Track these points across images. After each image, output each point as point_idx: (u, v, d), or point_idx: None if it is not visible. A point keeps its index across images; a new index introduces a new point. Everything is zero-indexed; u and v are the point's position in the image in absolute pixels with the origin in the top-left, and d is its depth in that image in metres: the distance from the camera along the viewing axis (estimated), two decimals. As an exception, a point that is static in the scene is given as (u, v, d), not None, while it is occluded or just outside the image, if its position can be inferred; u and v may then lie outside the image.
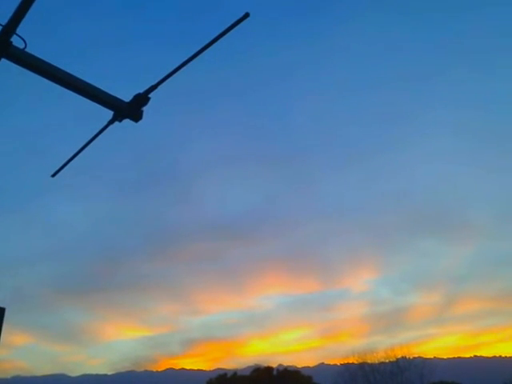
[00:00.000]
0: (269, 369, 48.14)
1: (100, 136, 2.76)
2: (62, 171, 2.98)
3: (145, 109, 2.64)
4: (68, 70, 2.48)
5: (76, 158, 2.88)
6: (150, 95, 2.57)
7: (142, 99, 2.57)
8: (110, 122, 2.70)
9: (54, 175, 3.06)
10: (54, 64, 2.43)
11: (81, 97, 2.55)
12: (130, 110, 2.62)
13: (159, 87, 2.54)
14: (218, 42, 2.39)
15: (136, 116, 2.65)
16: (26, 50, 2.30)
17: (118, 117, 2.67)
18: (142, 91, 2.56)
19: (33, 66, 2.37)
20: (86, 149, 2.83)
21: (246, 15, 2.29)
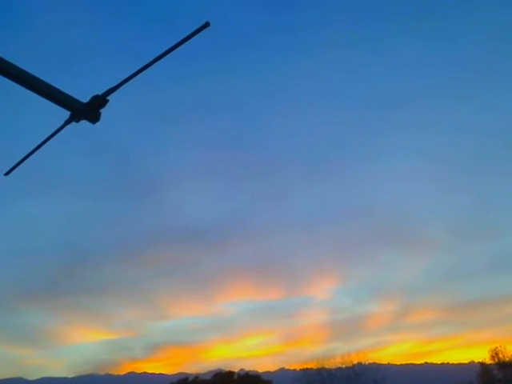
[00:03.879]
0: (230, 373, 47.95)
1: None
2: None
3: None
4: (23, 67, 2.43)
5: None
6: (108, 97, 2.55)
7: (99, 101, 2.55)
8: (67, 122, 2.66)
9: (7, 174, 2.96)
10: (9, 60, 2.38)
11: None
12: (88, 111, 2.59)
13: (118, 90, 2.53)
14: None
15: (93, 117, 2.61)
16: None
17: (75, 117, 2.63)
18: (100, 93, 2.54)
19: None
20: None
21: (206, 24, 2.32)
